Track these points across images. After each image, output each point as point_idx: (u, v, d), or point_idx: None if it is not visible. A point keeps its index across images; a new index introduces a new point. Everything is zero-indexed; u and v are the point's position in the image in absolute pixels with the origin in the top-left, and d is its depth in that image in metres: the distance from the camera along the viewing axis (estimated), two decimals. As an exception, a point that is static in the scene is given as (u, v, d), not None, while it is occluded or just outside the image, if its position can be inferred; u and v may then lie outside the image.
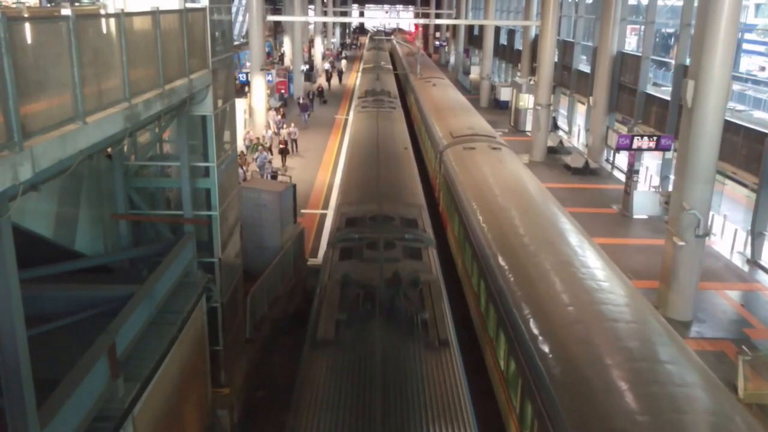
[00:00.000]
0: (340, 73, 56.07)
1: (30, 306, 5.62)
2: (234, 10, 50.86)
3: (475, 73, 53.35)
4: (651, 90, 27.17)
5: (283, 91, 40.27)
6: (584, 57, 36.22)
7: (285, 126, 29.67)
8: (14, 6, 22.30)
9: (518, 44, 47.64)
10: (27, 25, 5.17)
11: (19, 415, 5.19)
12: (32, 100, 5.17)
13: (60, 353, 6.99)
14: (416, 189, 15.24)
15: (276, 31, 63.86)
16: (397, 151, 18.77)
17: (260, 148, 24.26)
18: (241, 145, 23.02)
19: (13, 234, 5.03)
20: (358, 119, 24.57)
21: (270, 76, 36.20)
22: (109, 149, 9.17)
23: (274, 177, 22.55)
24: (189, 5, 9.49)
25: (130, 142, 9.64)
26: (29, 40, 5.17)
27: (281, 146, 26.93)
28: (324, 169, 26.71)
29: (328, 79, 51.96)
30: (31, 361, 5.30)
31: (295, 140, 28.90)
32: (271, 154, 24.90)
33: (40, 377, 5.56)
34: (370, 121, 23.22)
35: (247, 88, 33.85)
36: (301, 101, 36.78)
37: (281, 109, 34.12)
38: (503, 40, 54.28)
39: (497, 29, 51.71)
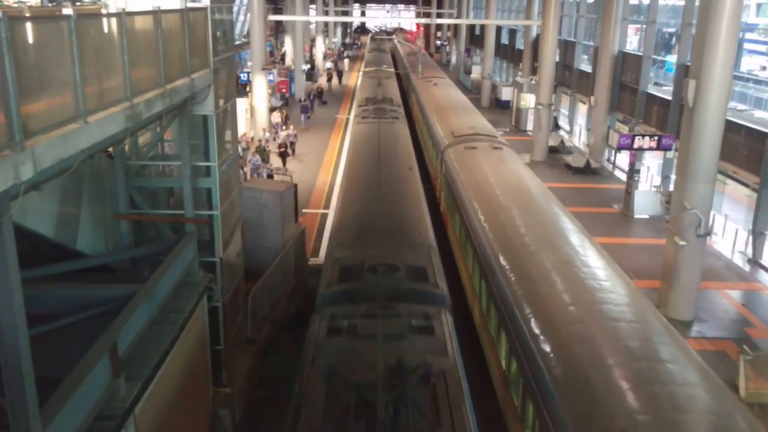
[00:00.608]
0: (340, 74, 56.02)
1: (32, 305, 5.63)
2: (235, 9, 50.83)
3: (476, 73, 53.38)
4: (652, 89, 27.14)
5: (284, 90, 40.25)
6: (585, 56, 36.21)
7: (284, 128, 29.35)
8: (16, 6, 22.32)
9: (519, 44, 47.60)
10: (28, 25, 5.17)
11: (21, 414, 5.20)
12: (34, 99, 5.18)
13: (62, 352, 6.99)
14: (424, 223, 12.98)
15: (277, 30, 63.84)
16: (401, 174, 16.56)
17: (253, 150, 24.12)
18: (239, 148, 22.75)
19: (14, 233, 5.04)
20: (357, 132, 22.27)
21: (271, 75, 36.15)
22: (110, 149, 9.18)
23: (270, 177, 22.52)
24: (190, 5, 9.51)
25: (131, 142, 9.65)
26: (31, 40, 5.17)
27: (281, 149, 26.68)
28: (325, 169, 26.70)
29: (329, 79, 51.90)
30: (32, 361, 5.31)
31: (293, 143, 28.40)
32: (265, 161, 24.34)
33: (42, 376, 5.56)
34: (370, 135, 20.90)
35: (248, 88, 33.83)
36: (302, 102, 36.69)
37: (284, 111, 34.00)
38: (504, 40, 54.28)
39: (498, 29, 51.68)
